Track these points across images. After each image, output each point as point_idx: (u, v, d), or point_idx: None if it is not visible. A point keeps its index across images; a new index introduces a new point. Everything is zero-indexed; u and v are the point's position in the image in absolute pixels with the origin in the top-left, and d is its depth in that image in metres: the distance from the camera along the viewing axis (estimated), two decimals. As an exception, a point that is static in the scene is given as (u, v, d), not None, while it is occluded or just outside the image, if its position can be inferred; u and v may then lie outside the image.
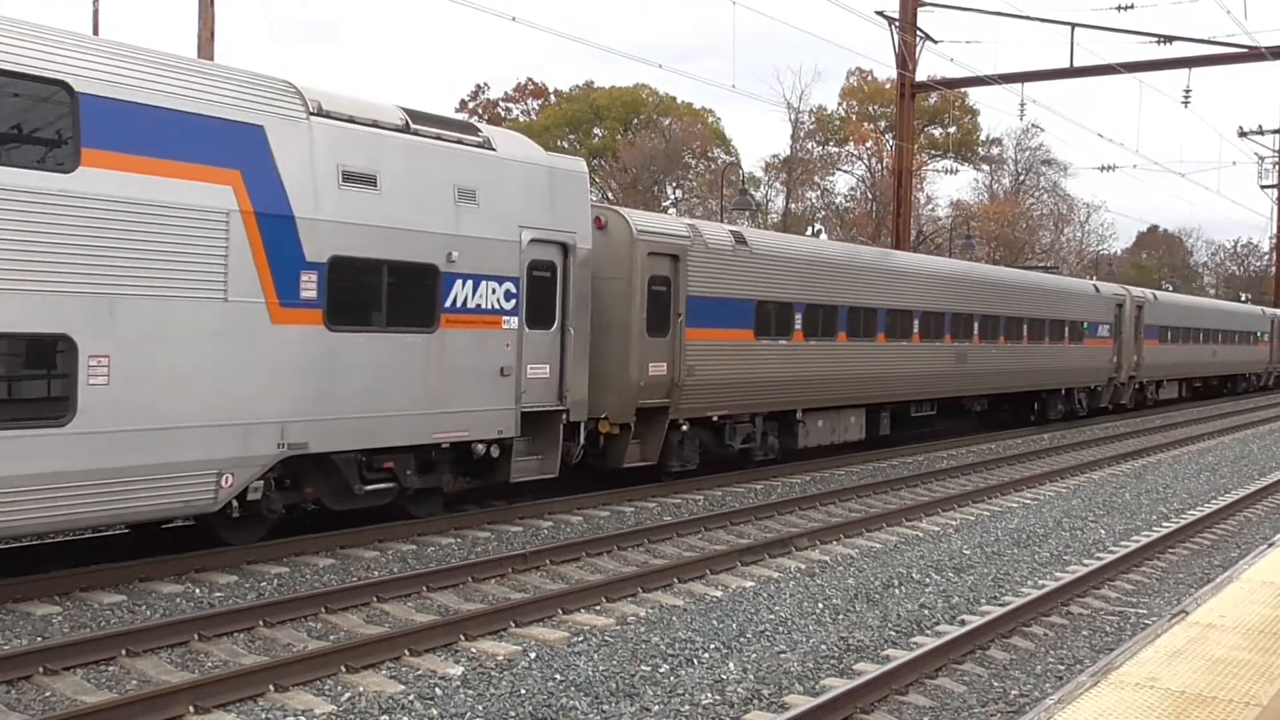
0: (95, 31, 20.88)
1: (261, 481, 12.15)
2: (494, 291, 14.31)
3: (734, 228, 20.95)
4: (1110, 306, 34.77)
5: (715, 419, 18.84)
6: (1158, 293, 41.54)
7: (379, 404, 12.99)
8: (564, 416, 15.38)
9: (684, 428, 18.02)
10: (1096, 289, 34.86)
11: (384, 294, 13.16)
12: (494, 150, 14.40)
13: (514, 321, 14.59)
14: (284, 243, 11.92)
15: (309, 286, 12.22)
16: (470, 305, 14.00)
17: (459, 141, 13.99)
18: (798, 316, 20.39)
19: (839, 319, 21.54)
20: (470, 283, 13.99)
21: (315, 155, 12.28)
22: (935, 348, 24.93)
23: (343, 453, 12.82)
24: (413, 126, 13.48)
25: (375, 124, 13.01)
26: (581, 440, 15.96)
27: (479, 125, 14.87)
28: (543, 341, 15.13)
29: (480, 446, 14.33)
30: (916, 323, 24.14)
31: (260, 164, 11.74)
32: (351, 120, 12.76)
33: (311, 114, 12.33)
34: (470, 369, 14.02)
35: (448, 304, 13.72)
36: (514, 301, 14.58)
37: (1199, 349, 43.39)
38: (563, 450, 15.53)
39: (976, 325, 26.71)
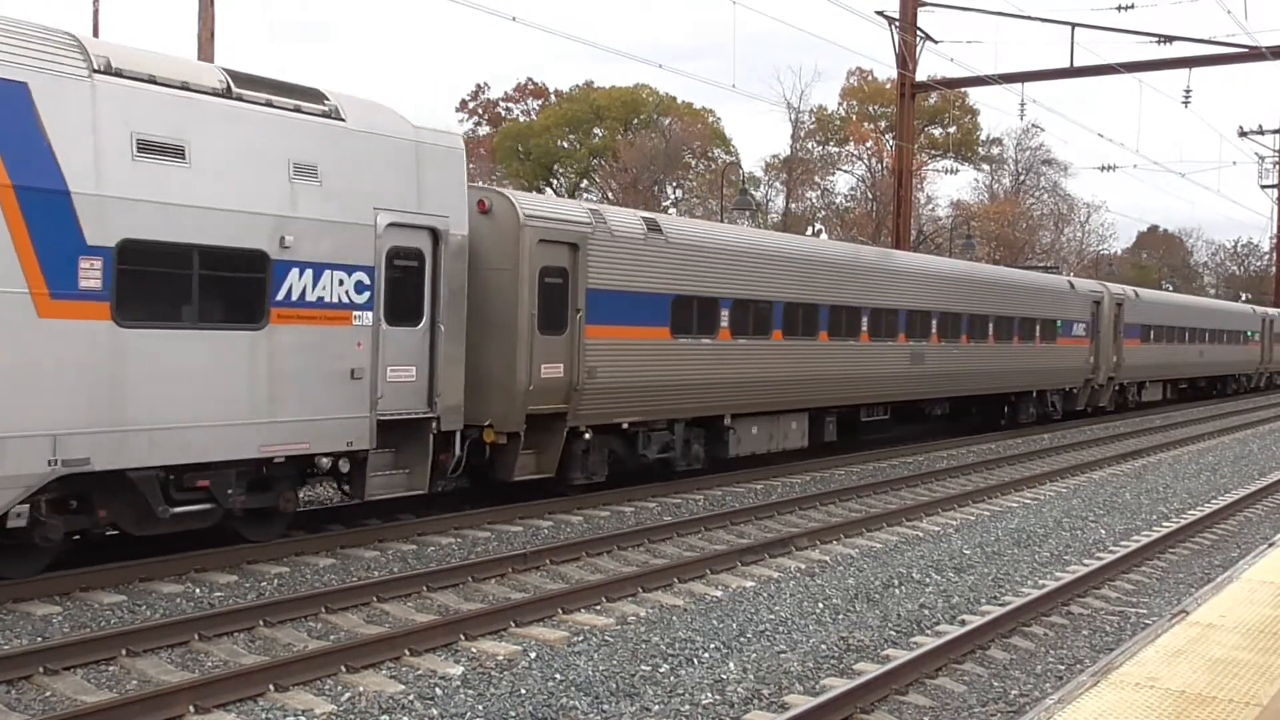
0: (95, 32, 20.87)
1: (27, 505, 10.32)
2: (341, 283, 12.53)
3: (647, 214, 18.88)
4: (1087, 304, 32.90)
5: (626, 426, 17.00)
6: (1139, 290, 39.75)
7: (188, 413, 11.22)
8: (434, 425, 13.63)
9: (587, 436, 16.22)
10: (1071, 285, 33.02)
11: (194, 284, 11.32)
12: (343, 120, 12.64)
13: (367, 317, 12.84)
14: (55, 223, 10.21)
15: (91, 275, 10.47)
16: (310, 298, 12.24)
17: (297, 109, 12.21)
18: (724, 313, 18.61)
19: (774, 316, 19.79)
20: (310, 272, 12.21)
21: (100, 120, 10.56)
22: (887, 347, 23.13)
23: (140, 470, 11.01)
24: (235, 91, 11.74)
25: (185, 86, 11.28)
26: (458, 452, 14.23)
27: (326, 92, 12.87)
28: (407, 340, 13.41)
29: (325, 460, 12.56)
30: (865, 320, 22.35)
31: (22, 129, 10.04)
32: (152, 81, 11.03)
33: (96, 71, 10.60)
34: (310, 371, 12.27)
35: (280, 296, 11.97)
36: (368, 294, 12.82)
37: (1185, 349, 41.61)
38: (438, 463, 13.96)
39: (935, 323, 24.83)
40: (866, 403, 23.27)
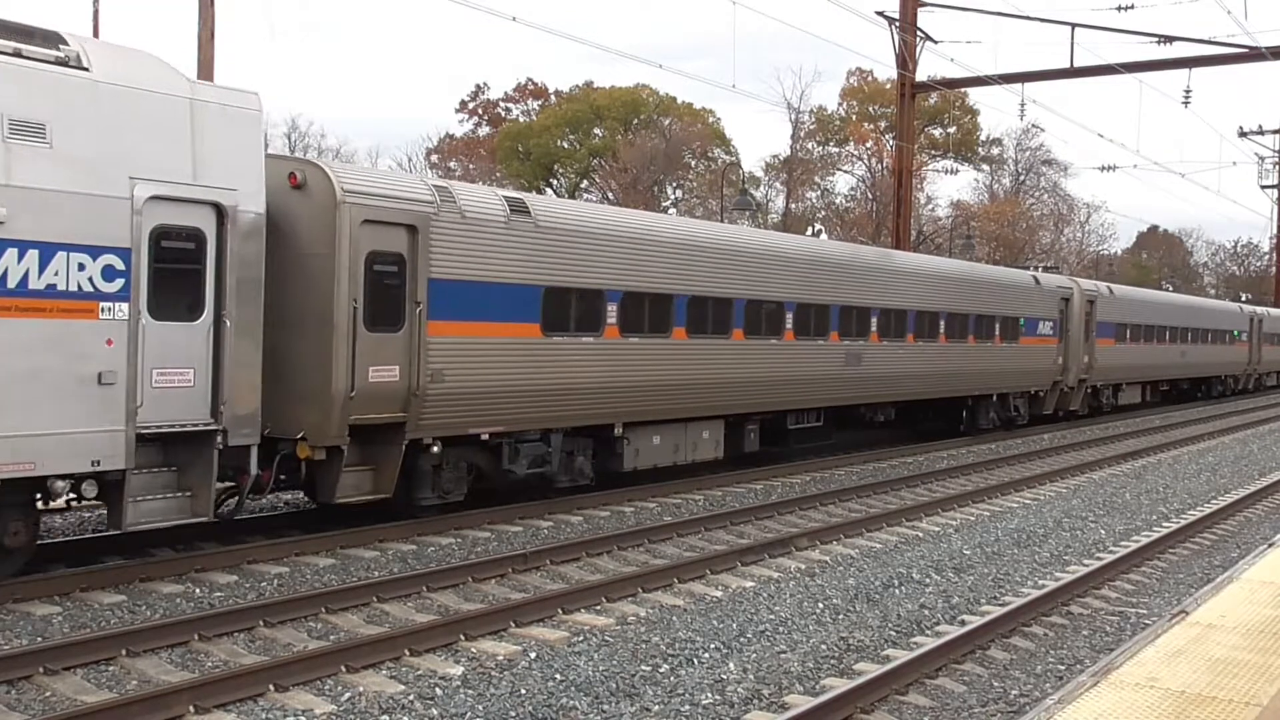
0: (95, 33, 20.87)
1: None
2: (82, 267, 10.37)
3: (512, 194, 16.26)
4: (1054, 300, 30.59)
5: (486, 437, 14.88)
6: (1113, 286, 37.46)
7: None
8: (219, 439, 11.49)
9: (435, 449, 14.10)
10: (1036, 280, 30.47)
11: None
12: (85, 70, 10.52)
13: (122, 309, 10.67)
14: None
15: None
16: (35, 285, 10.08)
17: (17, 54, 10.12)
18: (611, 308, 16.39)
19: (674, 312, 17.56)
20: (34, 253, 10.07)
21: None
22: (818, 347, 20.89)
23: None
24: None
25: None
26: (254, 469, 12.09)
27: (67, 35, 10.81)
28: (180, 338, 11.30)
29: (60, 484, 10.47)
30: (790, 317, 20.11)
31: None
32: None
33: None
34: (37, 375, 10.11)
35: None
36: (121, 282, 10.65)
37: (1165, 349, 39.36)
38: (240, 483, 12.22)
39: (874, 321, 22.53)
40: (794, 408, 21.03)
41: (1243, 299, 69.06)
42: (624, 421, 16.92)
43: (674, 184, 71.05)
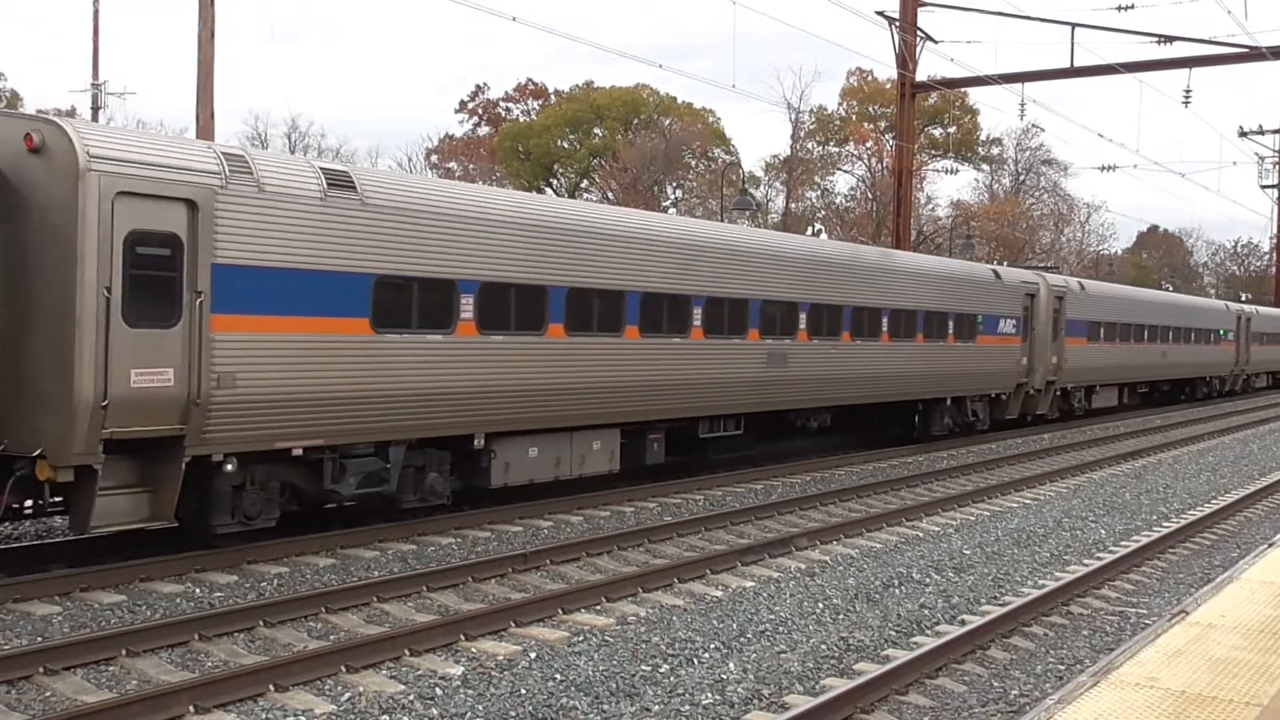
0: (95, 32, 20.88)
1: None
2: None
3: (334, 166, 14.04)
4: (1018, 297, 28.33)
5: (299, 452, 12.65)
6: (1085, 281, 35.11)
7: None
8: None
9: (229, 468, 11.96)
10: (996, 274, 28.16)
11: None
12: None
13: None
14: None
15: None
16: None
17: None
18: (466, 301, 14.18)
19: (550, 306, 15.35)
20: None
21: None
22: (732, 347, 18.78)
23: None
24: None
25: None
26: None
27: None
28: None
29: None
30: (699, 312, 17.93)
31: None
32: None
33: None
34: None
35: None
36: None
37: (1144, 349, 37.14)
38: None
39: (804, 317, 20.39)
40: (707, 415, 18.88)
41: (1242, 298, 69.02)
42: (487, 432, 14.73)
43: (674, 184, 71.08)
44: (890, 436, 25.46)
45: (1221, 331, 45.99)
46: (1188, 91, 37.43)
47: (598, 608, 11.07)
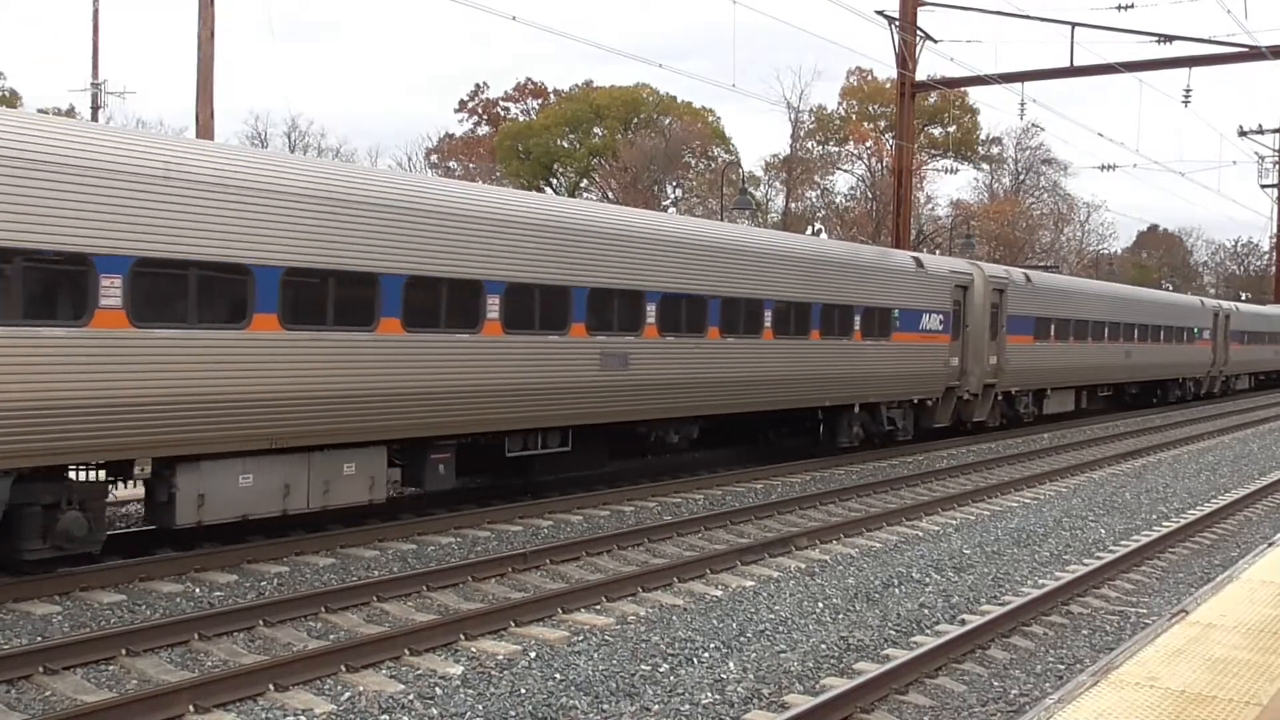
0: (95, 32, 20.89)
1: None
2: None
3: None
4: (946, 289, 24.72)
5: None
6: (1031, 273, 31.26)
7: None
8: None
9: None
10: (919, 262, 24.38)
11: None
12: None
13: None
14: None
15: None
16: None
17: None
18: (107, 285, 10.57)
19: (257, 292, 11.85)
20: None
21: None
22: (549, 345, 15.26)
23: None
24: None
25: None
26: None
27: None
28: None
29: None
30: (496, 303, 14.39)
31: None
32: None
33: None
34: None
35: None
36: None
37: (1103, 348, 33.64)
38: None
39: (653, 310, 16.92)
40: (518, 429, 15.38)
41: (1242, 298, 68.98)
42: (154, 457, 11.34)
43: (674, 183, 71.09)
44: (789, 450, 22.44)
45: (1196, 330, 42.29)
46: (1188, 91, 37.43)
47: (597, 607, 11.07)
